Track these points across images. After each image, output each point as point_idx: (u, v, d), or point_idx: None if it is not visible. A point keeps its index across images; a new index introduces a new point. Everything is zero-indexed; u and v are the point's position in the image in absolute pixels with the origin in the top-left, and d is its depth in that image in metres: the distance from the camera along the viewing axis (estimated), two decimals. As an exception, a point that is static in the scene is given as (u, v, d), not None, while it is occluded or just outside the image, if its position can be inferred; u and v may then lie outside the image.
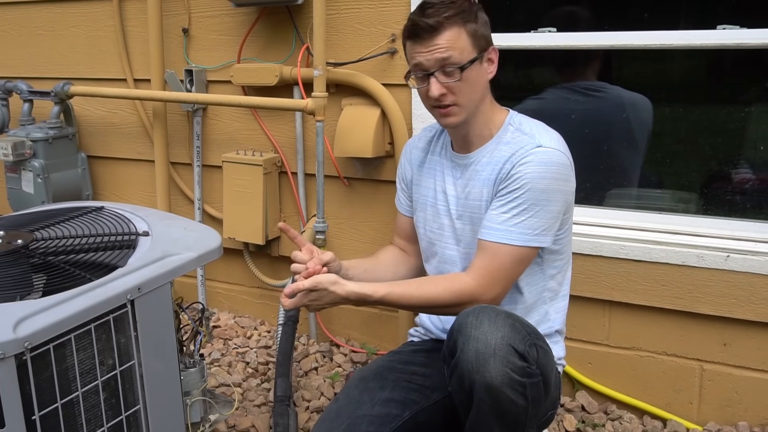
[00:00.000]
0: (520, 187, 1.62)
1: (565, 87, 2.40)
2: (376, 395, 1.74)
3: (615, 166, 2.37)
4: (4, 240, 1.60)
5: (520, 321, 1.52)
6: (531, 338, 1.50)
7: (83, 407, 1.40)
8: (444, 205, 1.81)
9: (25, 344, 1.26)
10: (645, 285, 2.21)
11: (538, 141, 1.65)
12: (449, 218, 1.80)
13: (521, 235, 1.62)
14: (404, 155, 1.96)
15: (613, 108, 2.35)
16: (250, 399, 2.36)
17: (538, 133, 1.68)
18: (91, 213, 1.84)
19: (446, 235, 1.82)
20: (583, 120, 2.37)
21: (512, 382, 1.43)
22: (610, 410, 2.31)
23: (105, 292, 1.42)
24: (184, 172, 2.95)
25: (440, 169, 1.83)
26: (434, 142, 1.88)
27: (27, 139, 2.86)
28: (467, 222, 1.76)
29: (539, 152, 1.62)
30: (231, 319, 2.94)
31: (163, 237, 1.69)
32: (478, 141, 1.74)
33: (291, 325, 2.35)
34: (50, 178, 2.91)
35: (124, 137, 3.05)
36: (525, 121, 1.73)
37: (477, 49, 1.64)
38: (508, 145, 1.68)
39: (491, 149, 1.72)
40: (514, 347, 1.44)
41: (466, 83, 1.63)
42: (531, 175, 1.61)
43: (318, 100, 2.37)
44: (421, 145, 1.91)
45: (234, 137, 2.80)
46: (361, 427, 1.67)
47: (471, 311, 1.51)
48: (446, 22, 1.60)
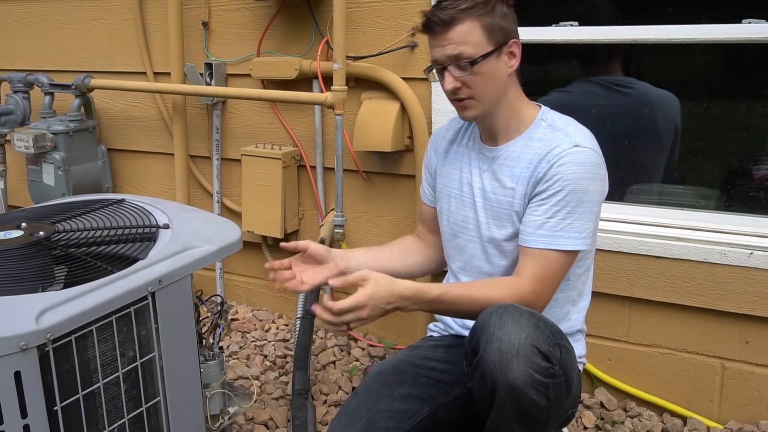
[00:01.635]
0: (562, 188, 1.59)
1: (592, 81, 2.37)
2: (395, 390, 1.74)
3: (637, 162, 2.34)
4: (26, 232, 1.61)
5: (544, 320, 1.51)
6: (554, 338, 1.48)
7: (104, 398, 1.41)
8: (469, 197, 1.79)
9: (48, 335, 1.26)
10: (666, 282, 2.19)
11: (574, 140, 1.61)
12: (474, 210, 1.78)
13: (569, 239, 1.60)
14: (431, 144, 1.94)
15: (640, 104, 2.33)
16: (268, 392, 2.37)
17: (572, 131, 1.65)
18: (111, 205, 1.85)
19: (470, 228, 1.79)
20: (607, 115, 2.35)
21: (535, 383, 1.42)
22: (630, 407, 2.29)
23: (126, 285, 1.43)
24: (203, 165, 2.96)
25: (467, 160, 1.81)
26: (462, 133, 1.86)
27: (48, 131, 2.89)
28: (491, 216, 1.74)
29: (577, 152, 1.60)
30: (249, 312, 2.95)
31: (183, 230, 1.70)
32: (506, 134, 1.72)
33: (309, 318, 2.35)
34: (71, 170, 2.93)
35: (143, 130, 3.06)
36: (558, 117, 1.70)
37: (493, 43, 1.60)
38: (541, 142, 1.65)
39: (522, 144, 1.69)
40: (538, 347, 1.43)
41: (480, 77, 1.61)
42: (571, 176, 1.58)
43: (337, 94, 2.37)
44: (449, 135, 1.89)
45: (253, 131, 2.80)
46: (380, 423, 1.67)
47: (494, 310, 1.49)
48: (459, 16, 1.58)
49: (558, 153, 1.60)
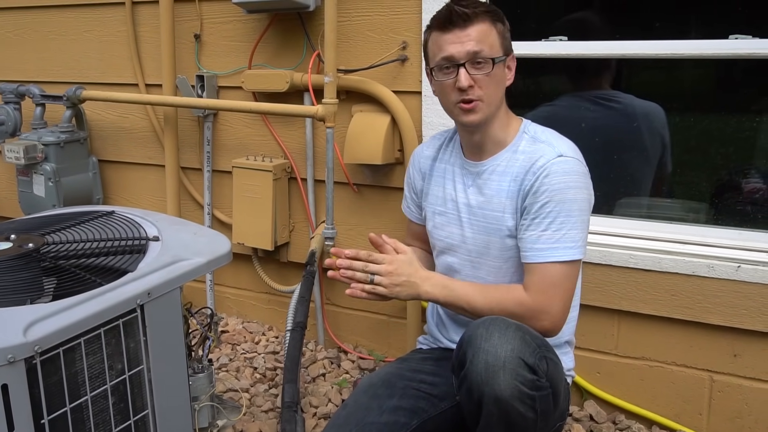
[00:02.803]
0: (550, 200, 1.61)
1: (579, 95, 2.39)
2: (385, 403, 1.74)
3: (625, 175, 2.36)
4: (15, 243, 1.61)
5: (530, 333, 1.52)
6: (541, 351, 1.49)
7: (92, 411, 1.41)
8: (454, 212, 1.80)
9: (35, 348, 1.26)
10: (654, 295, 2.20)
11: (558, 150, 1.64)
12: (459, 226, 1.79)
13: (567, 249, 1.61)
14: (412, 164, 1.95)
15: (626, 117, 2.34)
16: (258, 404, 2.36)
17: (555, 142, 1.67)
18: (101, 217, 1.85)
19: (456, 244, 1.81)
20: (594, 128, 2.36)
21: (521, 395, 1.43)
22: (619, 420, 2.30)
23: (115, 297, 1.43)
24: (194, 177, 2.96)
25: (450, 176, 1.83)
26: (443, 149, 1.87)
27: (39, 142, 2.88)
28: (481, 232, 1.75)
29: (561, 162, 1.62)
30: (239, 324, 2.94)
31: (173, 242, 1.70)
32: (492, 147, 1.74)
33: (299, 331, 2.35)
34: (61, 181, 2.93)
35: (134, 142, 3.06)
36: (540, 129, 1.73)
37: (503, 50, 1.67)
38: (525, 155, 1.68)
39: (506, 158, 1.71)
40: (524, 360, 1.44)
41: (493, 79, 1.64)
42: (558, 185, 1.61)
43: (328, 107, 2.37)
44: (429, 153, 1.90)
45: (244, 143, 2.81)
46: None
47: (481, 323, 1.51)
48: (481, 15, 1.63)
49: (543, 164, 1.62)
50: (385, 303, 2.59)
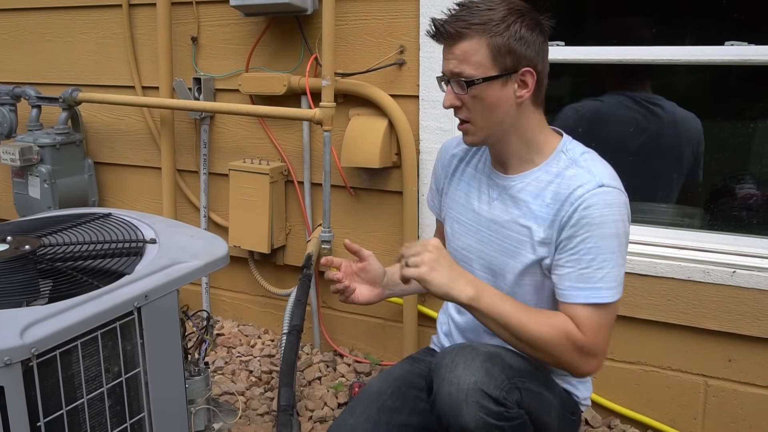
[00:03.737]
0: (590, 234, 1.44)
1: (625, 94, 2.37)
2: (393, 418, 1.68)
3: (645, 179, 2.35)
4: (12, 245, 1.60)
5: (501, 363, 1.45)
6: (512, 381, 1.43)
7: (88, 414, 1.40)
8: (473, 225, 1.65)
9: (32, 350, 1.26)
10: (650, 299, 2.20)
11: (599, 179, 1.46)
12: (477, 239, 1.65)
13: (609, 290, 1.45)
14: (439, 158, 1.80)
15: (665, 122, 2.33)
16: (254, 408, 2.36)
17: (596, 168, 1.48)
18: (98, 219, 1.85)
19: (472, 258, 1.66)
20: (636, 130, 2.37)
21: (488, 426, 1.39)
22: (614, 424, 2.30)
23: (112, 299, 1.43)
24: (190, 179, 2.96)
25: (475, 184, 1.67)
26: (473, 153, 1.72)
27: (34, 144, 2.88)
28: (498, 251, 1.60)
29: (603, 193, 1.44)
30: (235, 327, 2.94)
31: (170, 245, 1.70)
32: (519, 164, 1.57)
33: (295, 334, 2.35)
34: (57, 183, 2.92)
35: (131, 144, 3.06)
36: (578, 150, 1.54)
37: (498, 68, 1.46)
38: (562, 179, 1.50)
39: (538, 177, 1.54)
40: (487, 392, 1.39)
41: (479, 102, 1.48)
42: (599, 219, 1.43)
43: (326, 110, 2.38)
44: (459, 153, 1.74)
45: (241, 146, 2.81)
46: None
47: (449, 351, 1.46)
48: (466, 32, 1.45)
49: (582, 194, 1.45)
50: (381, 306, 2.61)
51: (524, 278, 1.57)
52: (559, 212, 1.47)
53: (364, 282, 1.67)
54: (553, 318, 1.47)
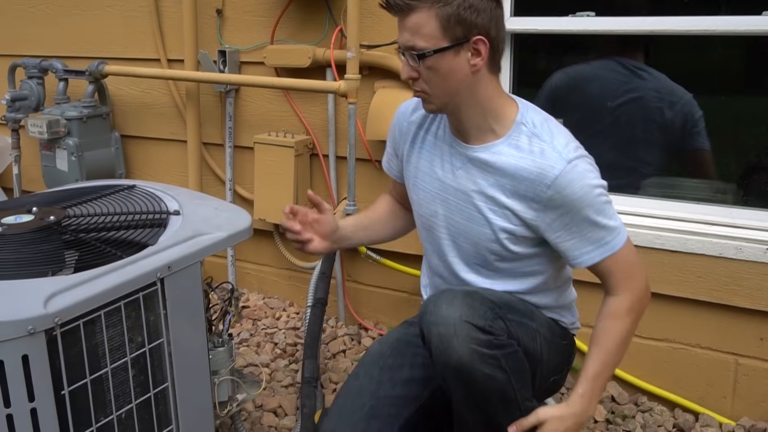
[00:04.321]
0: (580, 207, 1.52)
1: (614, 59, 2.37)
2: (396, 375, 1.75)
3: (653, 153, 2.32)
4: (37, 216, 1.61)
5: (480, 298, 1.52)
6: (494, 311, 1.50)
7: (112, 383, 1.41)
8: (439, 193, 1.69)
9: (56, 320, 1.26)
10: (680, 276, 2.16)
11: (564, 155, 1.52)
12: (444, 207, 1.69)
13: (617, 237, 1.56)
14: (396, 122, 1.82)
15: (653, 91, 2.31)
16: (278, 380, 2.37)
17: (557, 141, 1.54)
18: (123, 191, 1.85)
19: (440, 224, 1.72)
20: (621, 93, 2.33)
21: (482, 357, 1.45)
22: (641, 402, 2.27)
23: (135, 270, 1.43)
24: (216, 152, 2.96)
25: (438, 153, 1.69)
26: (431, 119, 1.73)
27: (61, 117, 2.89)
28: (465, 218, 1.65)
29: (574, 168, 1.51)
30: (260, 299, 2.95)
31: (193, 216, 1.69)
32: (479, 134, 1.60)
33: (320, 307, 2.35)
34: (84, 156, 2.94)
35: (157, 117, 3.06)
36: (537, 119, 1.58)
37: (449, 38, 1.46)
38: (524, 153, 1.54)
39: (505, 152, 1.56)
40: (473, 323, 1.46)
41: (433, 73, 1.49)
42: (580, 191, 1.51)
43: (351, 83, 2.35)
44: (416, 120, 1.76)
45: (266, 118, 2.79)
46: (383, 409, 1.69)
47: (430, 299, 1.55)
48: (414, 4, 1.46)
49: (556, 176, 1.51)
50: (406, 280, 2.60)
51: (491, 245, 1.63)
52: (537, 194, 1.53)
53: (316, 233, 1.74)
54: (610, 334, 1.59)
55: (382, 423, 1.68)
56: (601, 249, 1.56)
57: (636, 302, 1.59)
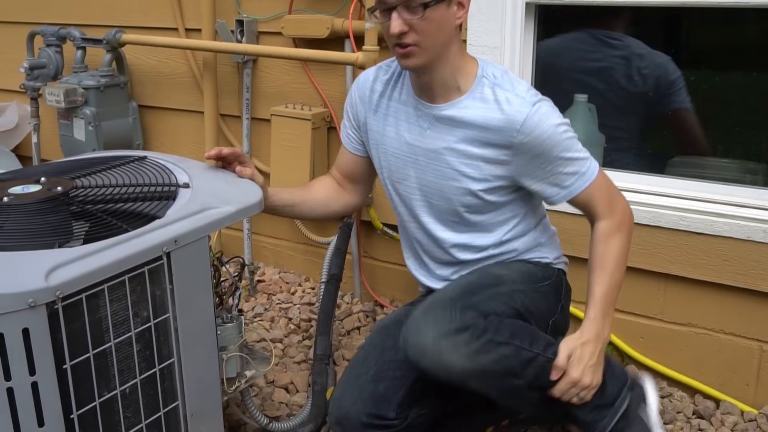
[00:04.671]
0: (551, 145, 1.62)
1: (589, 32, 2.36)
2: (399, 342, 1.77)
3: (677, 132, 2.24)
4: (45, 187, 1.58)
5: (440, 305, 1.59)
6: (457, 307, 1.56)
7: (116, 358, 1.39)
8: (410, 156, 1.75)
9: (57, 293, 1.24)
10: (705, 259, 2.09)
11: (527, 99, 1.61)
12: (415, 169, 1.75)
13: (590, 169, 1.67)
14: (357, 91, 1.86)
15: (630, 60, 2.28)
16: (291, 355, 2.35)
17: (518, 88, 1.64)
18: (133, 162, 1.82)
19: (412, 186, 1.77)
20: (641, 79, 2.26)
21: (477, 350, 1.52)
22: (661, 387, 2.22)
23: (140, 244, 1.39)
24: (233, 124, 2.92)
25: (403, 116, 1.75)
26: (392, 85, 1.79)
27: (79, 86, 2.86)
28: (438, 177, 1.71)
29: (538, 110, 1.60)
30: (276, 274, 2.92)
31: (203, 190, 1.66)
32: (445, 92, 1.67)
33: (333, 283, 2.32)
34: (101, 126, 2.91)
35: (174, 87, 3.02)
36: (498, 72, 1.67)
37: None
38: (490, 103, 1.63)
39: (467, 104, 1.65)
40: (447, 333, 1.52)
41: (429, 23, 1.54)
42: (549, 130, 1.61)
43: (369, 54, 2.29)
44: (378, 87, 1.81)
45: (283, 90, 2.74)
46: (388, 372, 1.73)
47: (402, 336, 1.62)
48: None
49: (523, 120, 1.60)
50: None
51: (465, 198, 1.70)
52: (507, 139, 1.62)
53: None
54: (605, 252, 1.68)
55: (387, 384, 1.73)
56: (579, 181, 1.66)
57: (623, 221, 1.70)
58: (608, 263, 1.67)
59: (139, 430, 1.46)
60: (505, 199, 1.73)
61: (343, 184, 1.97)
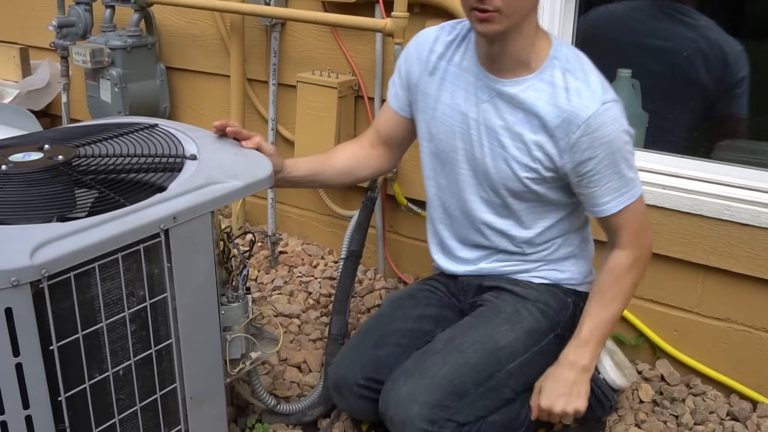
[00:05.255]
0: (608, 152, 1.52)
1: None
2: (409, 312, 1.79)
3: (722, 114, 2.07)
4: (46, 155, 1.52)
5: (428, 379, 1.58)
6: (441, 413, 1.56)
7: (109, 339, 1.33)
8: (462, 127, 1.64)
9: (42, 272, 1.17)
10: (749, 252, 1.94)
11: (598, 96, 1.50)
12: (465, 141, 1.65)
13: (634, 189, 1.58)
14: (414, 48, 1.73)
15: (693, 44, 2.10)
16: (306, 332, 2.28)
17: (591, 80, 1.52)
18: (143, 130, 1.74)
19: (459, 159, 1.68)
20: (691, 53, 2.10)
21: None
22: (694, 384, 2.09)
23: (136, 220, 1.32)
24: (260, 89, 2.83)
25: (462, 84, 1.64)
26: (455, 49, 1.67)
27: (105, 46, 2.80)
28: (488, 155, 1.62)
29: (607, 110, 1.50)
30: (299, 245, 2.85)
31: (210, 162, 1.58)
32: (514, 67, 1.56)
33: (353, 260, 2.23)
34: (128, 88, 2.85)
35: (202, 50, 2.94)
36: (571, 56, 1.56)
37: None
38: (557, 90, 1.52)
39: (536, 87, 1.54)
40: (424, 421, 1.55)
41: None
42: (611, 136, 1.51)
43: (398, 21, 2.17)
44: (438, 48, 1.68)
45: (312, 56, 2.64)
46: (392, 339, 1.74)
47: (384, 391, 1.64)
48: None
49: (589, 117, 1.49)
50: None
51: (513, 184, 1.62)
52: (567, 132, 1.51)
53: None
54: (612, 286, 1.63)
55: (389, 350, 1.73)
56: (621, 198, 1.56)
57: (642, 258, 1.62)
58: (610, 299, 1.63)
59: (134, 412, 1.41)
60: (550, 194, 1.64)
61: (376, 146, 1.86)
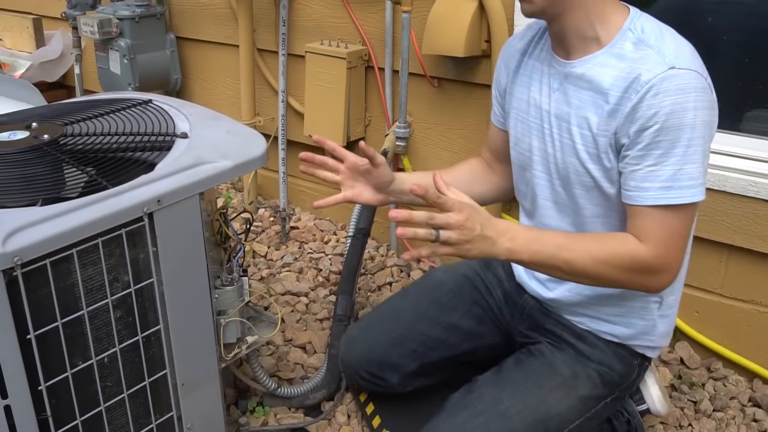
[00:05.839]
0: (662, 126, 1.24)
1: None
2: (443, 316, 1.70)
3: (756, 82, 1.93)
4: (32, 133, 1.47)
5: None
6: None
7: (91, 326, 1.29)
8: (537, 122, 1.47)
9: (15, 259, 1.13)
10: (776, 231, 1.84)
11: (669, 60, 1.25)
12: (541, 139, 1.46)
13: (685, 189, 1.26)
14: (502, 56, 1.61)
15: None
16: (314, 312, 2.23)
17: (668, 47, 1.27)
18: (136, 107, 1.68)
19: (535, 160, 1.49)
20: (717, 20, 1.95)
21: None
22: (715, 368, 2.00)
23: (117, 204, 1.27)
24: (270, 60, 2.75)
25: (537, 76, 1.48)
26: (534, 43, 1.51)
27: (114, 16, 2.75)
28: (559, 148, 1.43)
29: (674, 76, 1.23)
30: (311, 220, 2.79)
31: (201, 141, 1.51)
32: (582, 44, 1.36)
33: (360, 238, 2.17)
34: (137, 59, 2.80)
35: (213, 19, 2.87)
36: (650, 26, 1.32)
37: None
38: (626, 62, 1.29)
39: (601, 61, 1.33)
40: None
41: None
42: (671, 107, 1.23)
43: (405, -13, 2.07)
44: (520, 46, 1.54)
45: (322, 25, 2.55)
46: (410, 343, 1.68)
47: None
48: None
49: (649, 79, 1.24)
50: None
51: (584, 179, 1.40)
52: (621, 101, 1.29)
53: (368, 184, 1.57)
54: (608, 244, 1.33)
55: (402, 354, 1.68)
56: (666, 193, 1.26)
57: (651, 270, 1.30)
58: (602, 256, 1.31)
59: (122, 400, 1.38)
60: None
61: (492, 164, 1.72)
